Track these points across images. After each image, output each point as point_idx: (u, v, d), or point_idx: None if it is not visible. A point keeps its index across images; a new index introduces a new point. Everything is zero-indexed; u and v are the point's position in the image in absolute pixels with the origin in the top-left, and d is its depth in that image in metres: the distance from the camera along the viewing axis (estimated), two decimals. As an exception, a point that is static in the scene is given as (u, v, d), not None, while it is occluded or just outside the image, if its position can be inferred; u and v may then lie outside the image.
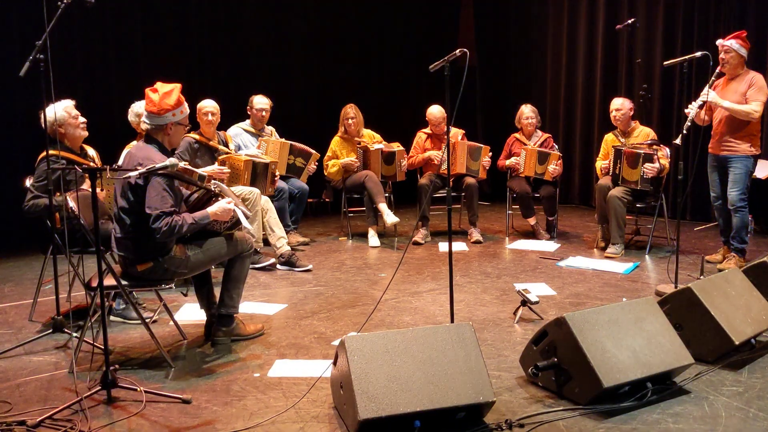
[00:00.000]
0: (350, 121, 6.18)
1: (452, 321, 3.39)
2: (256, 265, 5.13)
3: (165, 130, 3.39)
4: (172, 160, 3.05)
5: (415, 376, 2.61)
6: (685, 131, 4.53)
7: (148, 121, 3.36)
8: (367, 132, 6.37)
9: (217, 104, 5.22)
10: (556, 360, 2.92)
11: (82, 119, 4.07)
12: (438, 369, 2.65)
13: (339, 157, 6.21)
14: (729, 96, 4.80)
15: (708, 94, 4.68)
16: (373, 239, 5.99)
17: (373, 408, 2.50)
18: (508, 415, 2.76)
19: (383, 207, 5.85)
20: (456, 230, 6.58)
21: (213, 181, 3.63)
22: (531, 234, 6.25)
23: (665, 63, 4.45)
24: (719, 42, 4.80)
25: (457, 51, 3.21)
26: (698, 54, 4.14)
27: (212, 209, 3.34)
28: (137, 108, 4.41)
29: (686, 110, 4.72)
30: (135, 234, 3.27)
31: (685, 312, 3.29)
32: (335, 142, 6.27)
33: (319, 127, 7.10)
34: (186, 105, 3.45)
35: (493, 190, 8.48)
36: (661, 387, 2.96)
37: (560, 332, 2.90)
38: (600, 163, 5.82)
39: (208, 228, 3.45)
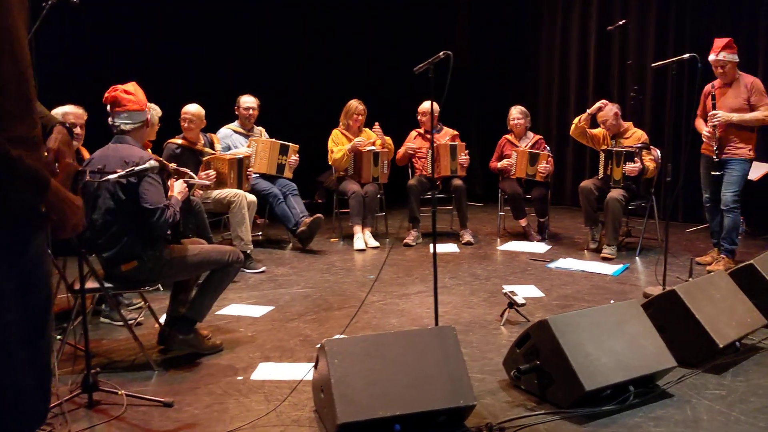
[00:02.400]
0: (360, 117, 6.09)
1: (437, 324, 3.37)
2: (248, 270, 5.11)
3: (145, 125, 3.47)
4: (152, 162, 3.06)
5: (396, 380, 2.61)
6: (716, 158, 4.87)
7: (131, 121, 3.39)
8: (367, 130, 6.31)
9: (199, 108, 5.14)
10: (539, 363, 2.91)
11: (77, 130, 4.08)
12: (419, 372, 2.64)
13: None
14: (729, 102, 4.85)
15: (717, 115, 4.80)
16: (370, 240, 5.96)
17: (352, 412, 2.49)
18: (490, 418, 2.76)
19: (357, 229, 5.90)
20: (448, 232, 6.57)
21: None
22: (522, 235, 6.25)
23: (654, 65, 4.46)
24: (711, 58, 4.81)
25: (441, 53, 3.19)
26: (686, 56, 4.14)
27: (175, 195, 3.47)
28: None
29: (705, 136, 4.98)
30: (122, 233, 3.27)
31: (669, 315, 3.28)
32: (336, 135, 6.14)
33: (313, 128, 7.07)
34: None
35: (486, 191, 8.48)
36: (644, 390, 2.95)
37: (542, 335, 2.90)
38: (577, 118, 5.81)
39: None
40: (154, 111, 4.20)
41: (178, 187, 3.53)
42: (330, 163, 6.15)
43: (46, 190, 1.55)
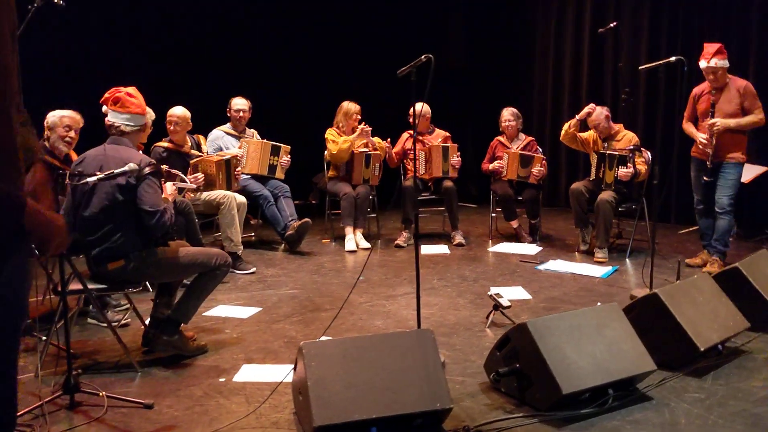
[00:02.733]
0: (359, 117, 6.06)
1: (419, 326, 3.38)
2: (238, 271, 5.12)
3: (142, 129, 3.55)
4: (131, 166, 3.08)
5: (373, 383, 2.61)
6: (710, 164, 4.87)
7: (132, 123, 3.46)
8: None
9: (185, 111, 5.10)
10: (518, 366, 2.92)
11: (71, 134, 4.11)
12: (396, 375, 2.65)
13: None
14: (723, 107, 4.85)
15: (717, 124, 4.79)
16: (361, 242, 5.97)
17: (328, 415, 2.50)
18: (468, 421, 2.77)
19: (348, 231, 5.91)
20: (440, 233, 6.59)
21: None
22: (514, 237, 6.25)
23: (641, 67, 4.48)
24: (704, 65, 4.81)
25: (423, 57, 3.19)
26: (672, 59, 4.15)
27: (169, 196, 3.56)
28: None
29: (701, 143, 4.93)
30: (114, 231, 3.29)
31: (651, 318, 3.29)
32: (333, 134, 6.08)
33: (307, 130, 7.06)
34: None
35: (480, 192, 8.49)
36: (624, 393, 2.96)
37: (522, 338, 2.90)
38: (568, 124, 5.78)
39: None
40: (149, 114, 4.24)
41: (169, 189, 3.58)
42: (330, 155, 6.03)
43: (21, 213, 1.50)
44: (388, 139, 6.29)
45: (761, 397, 2.96)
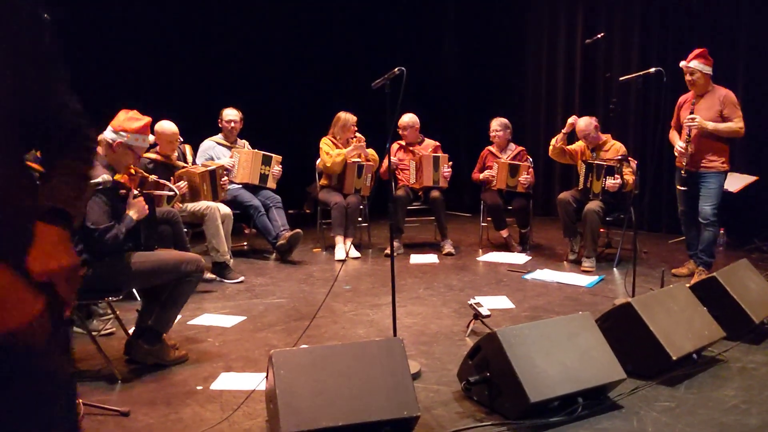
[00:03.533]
0: (355, 128, 6.11)
1: (395, 334, 3.42)
2: (227, 280, 5.17)
3: (112, 147, 3.56)
4: (104, 177, 3.13)
5: (341, 391, 2.65)
6: (684, 173, 4.89)
7: (107, 136, 3.55)
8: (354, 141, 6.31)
9: (172, 127, 5.11)
10: (489, 374, 2.95)
11: None
12: (364, 383, 2.69)
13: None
14: (702, 113, 4.86)
15: (696, 119, 4.79)
16: (352, 251, 6.01)
17: (296, 422, 2.54)
18: (437, 429, 2.80)
19: (338, 240, 5.95)
20: (431, 242, 6.63)
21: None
22: (504, 246, 6.28)
23: (621, 78, 4.51)
24: (682, 64, 4.84)
25: (396, 69, 3.25)
26: (652, 70, 4.19)
27: (131, 212, 3.50)
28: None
29: (677, 151, 4.93)
30: (76, 243, 3.31)
31: (625, 327, 3.31)
32: (328, 144, 6.12)
33: (301, 140, 7.14)
34: (145, 138, 3.66)
35: (474, 201, 8.52)
36: (594, 402, 2.98)
37: (492, 347, 2.94)
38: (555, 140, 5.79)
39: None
40: (135, 137, 4.16)
41: (135, 206, 3.52)
42: (324, 166, 6.07)
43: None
44: (402, 162, 6.31)
45: (731, 405, 2.98)
